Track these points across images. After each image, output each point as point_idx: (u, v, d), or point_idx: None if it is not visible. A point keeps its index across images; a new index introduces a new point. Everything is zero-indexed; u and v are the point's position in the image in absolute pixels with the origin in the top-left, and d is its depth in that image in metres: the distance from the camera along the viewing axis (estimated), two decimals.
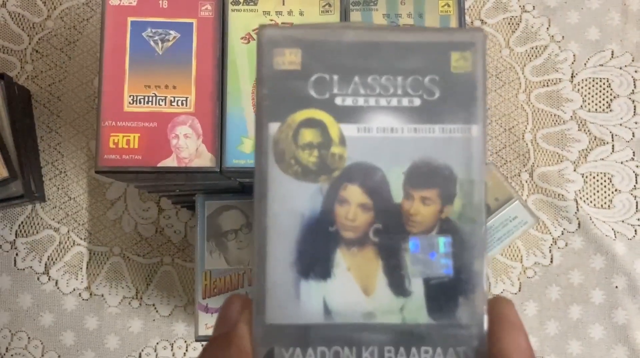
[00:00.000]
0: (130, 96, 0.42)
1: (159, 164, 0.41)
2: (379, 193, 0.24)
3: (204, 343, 0.62)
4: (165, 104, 0.42)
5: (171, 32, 0.43)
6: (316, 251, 0.24)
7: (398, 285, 0.24)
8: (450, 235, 0.24)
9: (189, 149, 0.41)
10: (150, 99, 0.42)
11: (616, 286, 0.63)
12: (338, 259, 0.24)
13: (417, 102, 0.24)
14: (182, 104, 0.42)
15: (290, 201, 0.24)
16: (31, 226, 0.64)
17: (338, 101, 0.24)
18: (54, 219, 0.64)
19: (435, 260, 0.24)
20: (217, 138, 0.42)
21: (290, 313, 0.23)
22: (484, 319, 0.23)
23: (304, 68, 0.24)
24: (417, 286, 0.24)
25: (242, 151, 0.42)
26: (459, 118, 0.24)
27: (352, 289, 0.24)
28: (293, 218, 0.24)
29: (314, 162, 0.24)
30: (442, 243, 0.24)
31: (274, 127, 0.24)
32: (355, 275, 0.24)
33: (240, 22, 0.43)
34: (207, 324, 0.51)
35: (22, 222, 0.64)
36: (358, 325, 0.24)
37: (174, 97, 0.42)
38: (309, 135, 0.24)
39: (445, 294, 0.24)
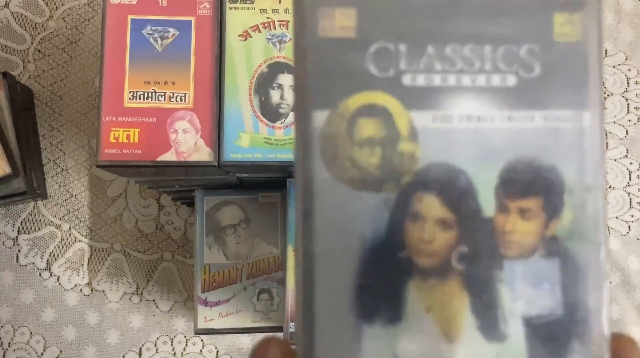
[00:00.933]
0: (130, 92, 0.43)
1: (159, 159, 0.42)
2: (463, 205, 0.18)
3: (203, 336, 0.63)
4: (164, 100, 0.43)
5: (170, 29, 0.44)
6: (383, 285, 0.18)
7: (491, 328, 0.18)
8: (558, 258, 0.19)
9: (187, 143, 0.42)
10: (150, 95, 0.43)
11: (610, 282, 0.64)
12: (412, 295, 0.18)
13: (511, 81, 0.19)
14: (181, 99, 0.43)
15: (345, 218, 0.18)
16: (33, 223, 0.65)
17: (406, 80, 0.18)
18: (55, 216, 0.65)
19: (539, 292, 0.18)
20: (215, 132, 0.43)
21: None
22: None
23: (361, 35, 0.18)
24: (516, 329, 0.18)
25: (239, 145, 0.43)
26: (567, 102, 0.19)
27: (431, 335, 0.18)
28: (351, 242, 0.18)
29: (377, 164, 0.18)
30: (548, 269, 0.18)
31: (321, 117, 0.18)
32: (435, 316, 0.18)
33: (238, 19, 0.44)
34: (206, 317, 0.52)
35: (24, 219, 0.65)
36: None
37: (173, 93, 0.43)
38: (368, 127, 0.18)
39: (553, 338, 0.18)
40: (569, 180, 0.19)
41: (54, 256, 0.64)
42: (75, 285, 0.64)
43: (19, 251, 0.64)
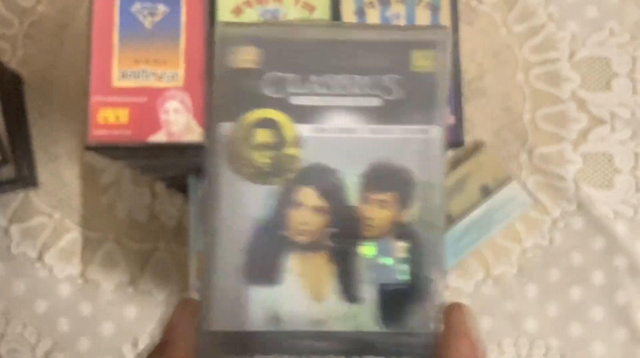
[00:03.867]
0: (119, 71, 0.41)
1: (149, 139, 0.40)
2: (334, 196, 0.23)
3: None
4: (154, 79, 0.41)
5: (159, 6, 0.42)
6: (266, 256, 0.23)
7: (350, 292, 0.23)
8: (407, 240, 0.24)
9: (178, 124, 0.41)
10: (139, 74, 0.41)
11: (617, 267, 0.63)
12: (289, 264, 0.23)
13: (375, 102, 0.24)
14: (172, 78, 0.41)
15: (242, 204, 0.23)
16: (25, 212, 0.63)
17: (293, 100, 0.24)
18: (47, 205, 0.63)
19: (391, 266, 0.23)
20: None
21: (237, 320, 0.23)
22: (436, 328, 0.23)
23: (259, 66, 0.24)
24: (370, 293, 0.23)
25: None
26: (419, 119, 0.24)
27: (302, 295, 0.23)
28: (245, 222, 0.23)
29: (268, 163, 0.23)
30: (399, 248, 0.24)
31: (226, 127, 0.23)
32: (306, 281, 0.23)
33: None
34: None
35: (15, 208, 0.63)
36: (307, 333, 0.23)
37: (164, 72, 0.41)
38: (262, 135, 0.23)
39: (398, 302, 0.23)
40: (416, 179, 0.24)
41: (46, 246, 0.63)
42: (69, 275, 0.63)
43: (11, 241, 0.63)
